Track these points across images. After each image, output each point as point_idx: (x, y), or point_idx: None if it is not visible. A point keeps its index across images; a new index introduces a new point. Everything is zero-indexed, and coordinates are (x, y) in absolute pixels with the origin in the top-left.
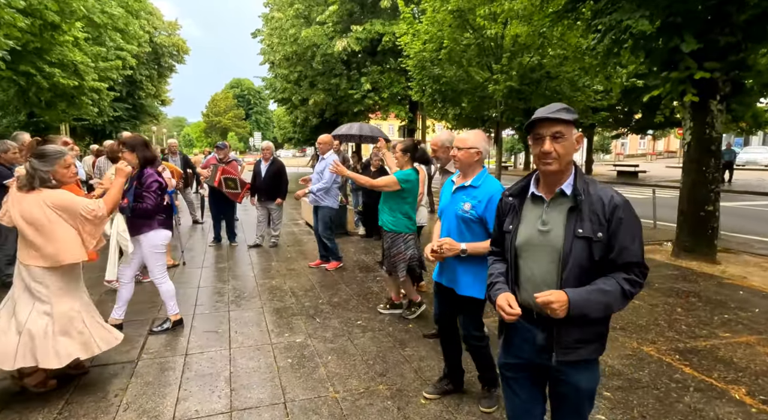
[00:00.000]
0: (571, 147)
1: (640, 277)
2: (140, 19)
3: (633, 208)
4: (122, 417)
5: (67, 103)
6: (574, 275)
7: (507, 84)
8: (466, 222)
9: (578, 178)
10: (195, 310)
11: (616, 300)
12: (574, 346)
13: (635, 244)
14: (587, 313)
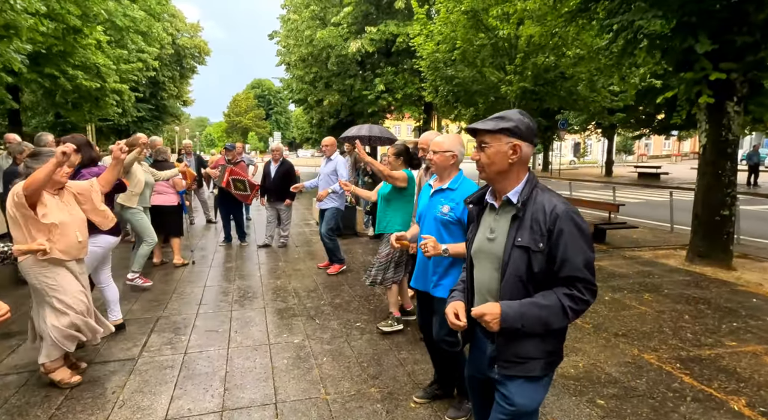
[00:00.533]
0: (496, 156)
1: (584, 294)
2: (162, 21)
3: (578, 219)
4: (117, 414)
5: (91, 105)
6: (513, 285)
7: (520, 85)
8: (445, 224)
9: (527, 185)
10: (199, 309)
11: (554, 316)
12: (515, 360)
13: (578, 258)
14: (521, 327)
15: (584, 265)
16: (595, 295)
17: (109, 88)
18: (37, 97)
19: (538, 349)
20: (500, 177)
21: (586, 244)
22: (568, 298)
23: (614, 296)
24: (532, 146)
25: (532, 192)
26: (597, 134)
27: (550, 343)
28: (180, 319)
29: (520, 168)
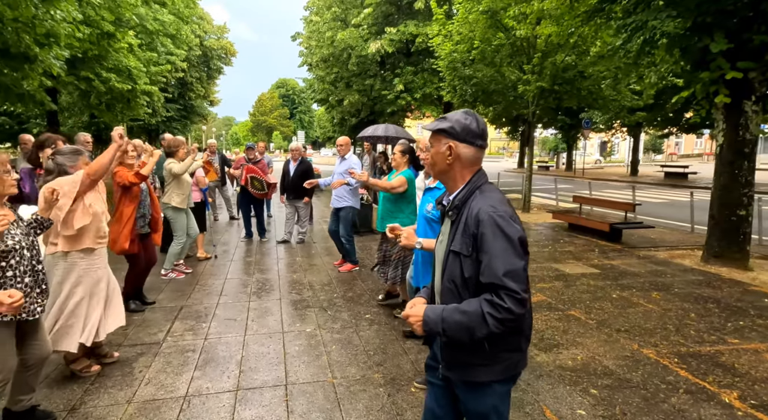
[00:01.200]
0: (436, 156)
1: (505, 302)
2: (191, 24)
3: (504, 223)
4: (143, 390)
5: (123, 105)
6: (448, 290)
7: (538, 84)
8: (428, 222)
9: (465, 188)
10: (219, 300)
11: (475, 323)
12: (455, 363)
13: (496, 264)
14: (443, 332)
15: (504, 273)
16: (522, 304)
17: (139, 90)
18: (74, 99)
19: (475, 356)
20: (444, 178)
21: (509, 249)
22: (488, 305)
23: (622, 294)
24: (472, 147)
25: (471, 195)
26: (622, 133)
27: (492, 349)
28: (202, 308)
29: (462, 169)
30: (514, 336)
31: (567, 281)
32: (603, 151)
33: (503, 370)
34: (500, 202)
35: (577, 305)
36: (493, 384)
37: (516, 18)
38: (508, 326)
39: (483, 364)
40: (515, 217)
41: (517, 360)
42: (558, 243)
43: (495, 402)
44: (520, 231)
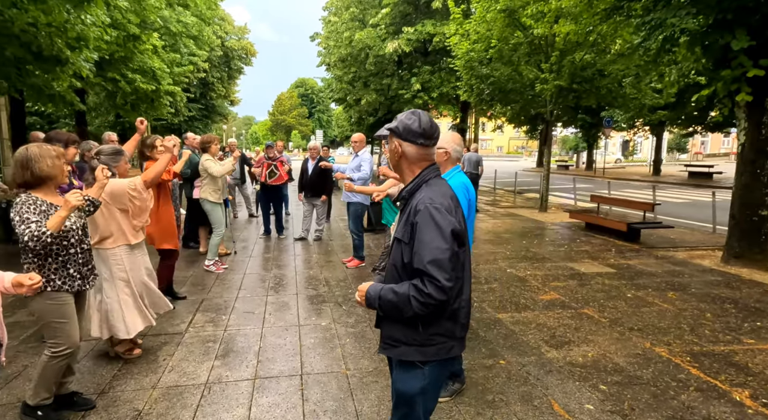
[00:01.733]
0: (390, 153)
1: (426, 287)
2: (212, 25)
3: (437, 215)
4: (167, 376)
5: (147, 105)
6: (390, 273)
7: (556, 83)
8: None
9: (413, 181)
10: (238, 294)
11: (403, 303)
12: (388, 341)
13: (423, 252)
14: (379, 308)
15: (429, 261)
16: (443, 292)
17: (163, 90)
18: (100, 99)
19: (405, 335)
20: (398, 172)
21: (437, 239)
22: (414, 288)
23: (637, 293)
24: (413, 146)
25: (418, 188)
26: (645, 132)
27: (425, 331)
28: (222, 301)
29: (410, 165)
30: (449, 322)
31: (581, 280)
32: (625, 150)
33: (434, 353)
34: (441, 195)
35: (591, 304)
36: (423, 366)
37: (534, 16)
38: (431, 310)
39: (414, 344)
40: (452, 209)
41: (450, 346)
42: (574, 242)
43: (423, 384)
44: (453, 223)
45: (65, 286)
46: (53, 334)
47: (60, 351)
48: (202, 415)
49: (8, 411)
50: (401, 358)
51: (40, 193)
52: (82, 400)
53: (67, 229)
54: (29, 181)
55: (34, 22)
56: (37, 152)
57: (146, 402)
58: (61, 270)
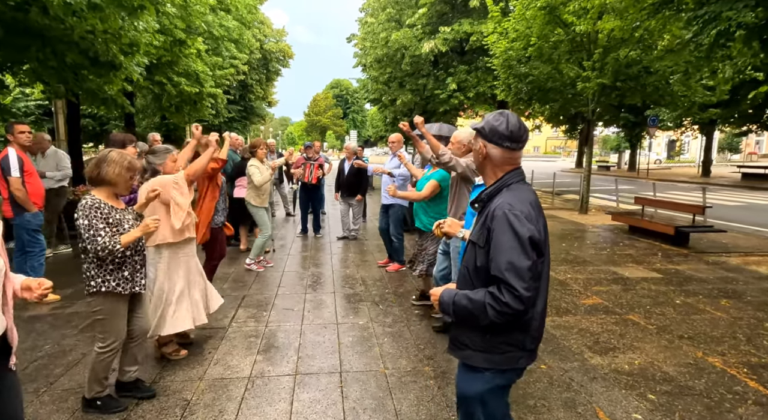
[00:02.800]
0: (474, 154)
1: (504, 296)
2: (252, 28)
3: (515, 221)
4: (212, 369)
5: (190, 107)
6: (462, 276)
7: (598, 81)
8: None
9: (495, 185)
10: (278, 291)
11: (478, 311)
12: (457, 344)
13: (500, 258)
14: (453, 314)
15: (506, 268)
16: (521, 301)
17: (205, 93)
18: (147, 102)
19: (473, 341)
20: (481, 174)
21: (515, 247)
22: (490, 296)
23: (686, 300)
24: (499, 148)
25: (498, 192)
26: (693, 131)
27: (493, 338)
28: (262, 297)
29: (493, 168)
30: (518, 332)
31: (626, 285)
32: (671, 150)
33: (499, 361)
34: (521, 201)
35: (636, 309)
36: (485, 371)
37: (576, 13)
38: (507, 319)
39: (480, 350)
40: (532, 217)
41: (518, 356)
42: (617, 246)
43: (483, 390)
44: (532, 230)
45: (119, 288)
46: (101, 329)
47: (107, 345)
48: (247, 408)
49: (70, 396)
50: (465, 361)
51: (102, 194)
52: (144, 387)
53: (125, 232)
54: (94, 178)
55: (92, 29)
56: (113, 157)
57: (194, 393)
58: (116, 271)
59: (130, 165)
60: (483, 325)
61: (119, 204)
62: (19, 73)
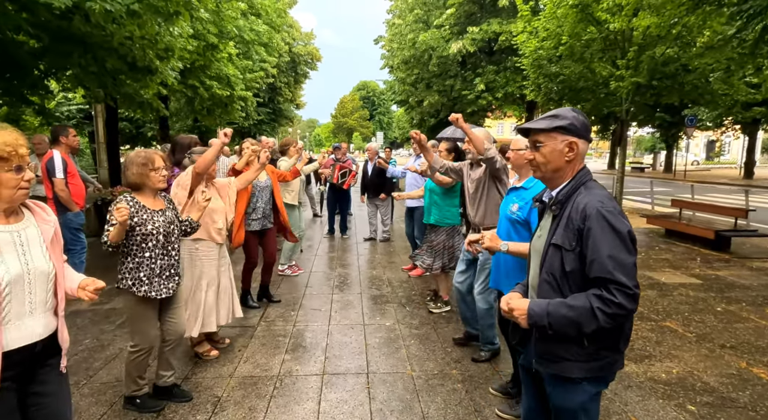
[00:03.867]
0: (552, 154)
1: (616, 297)
2: (282, 32)
3: (612, 218)
4: (242, 366)
5: (221, 110)
6: (547, 283)
7: (633, 80)
8: (513, 224)
9: (570, 183)
10: (305, 291)
11: (583, 318)
12: (550, 357)
13: (604, 258)
14: (549, 326)
15: (615, 266)
16: (634, 300)
17: (236, 95)
18: (180, 105)
19: (572, 351)
20: (556, 175)
21: (618, 244)
22: (598, 300)
23: (728, 307)
24: (587, 143)
25: (575, 191)
26: (735, 131)
27: (591, 346)
28: (290, 297)
29: (575, 166)
30: (616, 336)
31: (662, 291)
32: (710, 151)
33: (598, 369)
34: (607, 197)
35: (674, 316)
36: (583, 382)
37: (610, 10)
38: (619, 321)
39: (579, 359)
40: (622, 212)
41: (614, 360)
42: (653, 250)
43: (584, 400)
44: (628, 226)
45: (133, 288)
46: (131, 329)
47: (135, 346)
48: (275, 406)
49: (108, 389)
50: (562, 373)
51: (139, 195)
52: (181, 392)
53: (147, 233)
54: (128, 184)
55: (130, 35)
56: (129, 159)
57: (224, 389)
58: (133, 271)
59: (145, 159)
60: (586, 332)
61: (155, 205)
62: (63, 79)
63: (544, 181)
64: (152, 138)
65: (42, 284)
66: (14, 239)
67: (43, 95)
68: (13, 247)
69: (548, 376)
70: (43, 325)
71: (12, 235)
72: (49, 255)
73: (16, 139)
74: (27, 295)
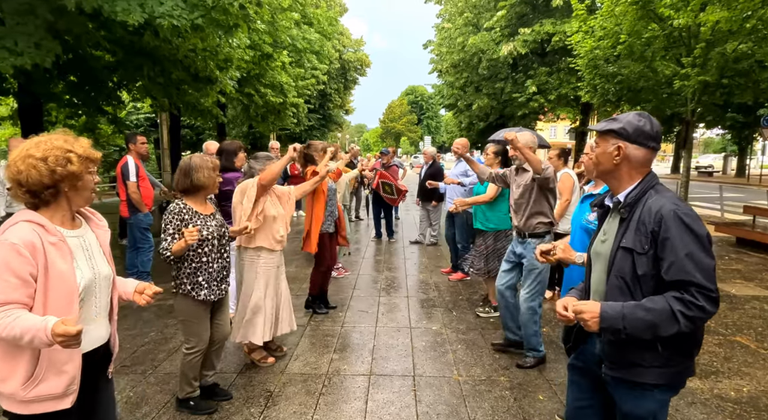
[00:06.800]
0: (602, 156)
1: (698, 299)
2: (332, 39)
3: (689, 220)
4: (293, 364)
5: (274, 117)
6: (617, 287)
7: (700, 78)
8: (588, 233)
9: (638, 187)
10: (353, 293)
11: (662, 320)
12: (621, 363)
13: (687, 260)
14: (623, 329)
15: (696, 269)
16: (715, 303)
17: (289, 102)
18: (237, 112)
19: (644, 357)
20: (608, 177)
21: (698, 246)
22: (679, 303)
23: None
24: (643, 149)
25: (644, 194)
26: None
27: (665, 351)
28: (338, 298)
29: (630, 170)
30: (689, 340)
31: (732, 303)
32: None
33: (672, 375)
34: (680, 200)
35: (745, 331)
36: (655, 389)
37: (674, 6)
38: (699, 325)
39: (653, 365)
40: (698, 215)
41: (686, 367)
42: (722, 260)
43: (655, 408)
44: (706, 229)
45: (192, 293)
46: (185, 332)
47: (191, 348)
48: (324, 403)
49: (171, 379)
50: (634, 379)
51: (192, 200)
52: (222, 391)
53: (203, 238)
54: (188, 187)
55: (193, 47)
56: (198, 163)
57: (276, 385)
58: (192, 276)
59: (214, 164)
60: (663, 336)
61: (206, 209)
62: (133, 90)
63: (608, 183)
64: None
65: (105, 289)
66: (81, 244)
67: (116, 105)
68: (82, 251)
69: (616, 381)
70: (105, 329)
71: (79, 240)
72: (107, 260)
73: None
74: (94, 300)
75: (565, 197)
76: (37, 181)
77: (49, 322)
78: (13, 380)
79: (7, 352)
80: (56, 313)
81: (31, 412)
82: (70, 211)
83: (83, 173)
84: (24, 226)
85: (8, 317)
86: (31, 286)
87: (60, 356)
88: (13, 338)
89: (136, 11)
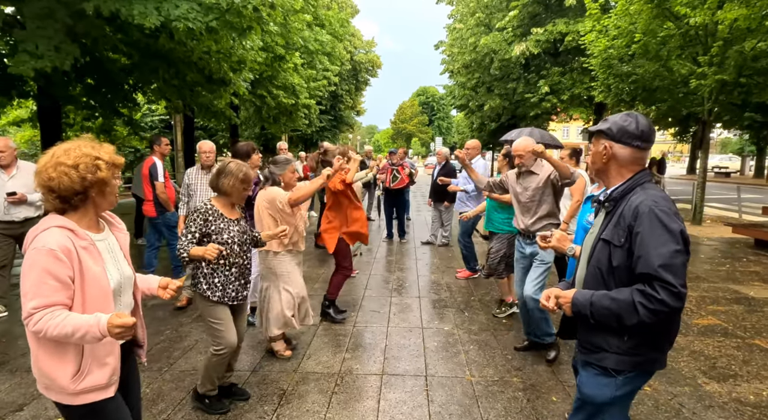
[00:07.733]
0: (595, 156)
1: (659, 293)
2: (344, 41)
3: (664, 216)
4: (306, 363)
5: (286, 118)
6: (593, 277)
7: (717, 77)
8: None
9: (626, 184)
10: (364, 293)
11: (624, 311)
12: (589, 347)
13: (652, 255)
14: (591, 315)
15: (660, 265)
16: (678, 298)
17: (300, 104)
18: (249, 114)
19: (609, 343)
20: (601, 175)
21: (668, 242)
22: (641, 295)
23: None
24: (628, 148)
25: (631, 191)
26: None
27: (630, 340)
28: (350, 299)
29: (619, 168)
30: (659, 334)
31: (750, 306)
32: None
33: (635, 364)
34: (662, 198)
35: (764, 334)
36: (618, 375)
37: (690, 4)
38: (660, 318)
39: (617, 352)
40: (678, 213)
41: (653, 359)
42: (739, 261)
43: (613, 395)
44: (681, 226)
45: (208, 293)
46: (211, 334)
47: (217, 350)
48: (336, 402)
49: (186, 376)
50: (598, 363)
51: (219, 202)
52: (239, 391)
53: (222, 242)
54: (214, 187)
55: (208, 50)
56: (230, 169)
57: (289, 383)
58: (209, 277)
59: (245, 177)
60: (627, 326)
61: (232, 214)
62: (148, 92)
63: (601, 181)
64: (224, 145)
65: (128, 288)
66: (107, 247)
67: (132, 107)
68: (109, 254)
69: (583, 364)
70: None
71: (105, 244)
72: (128, 261)
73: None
74: (120, 299)
75: (576, 198)
76: (69, 187)
77: (101, 318)
78: (62, 376)
79: (54, 351)
80: (94, 312)
81: (82, 402)
82: (96, 216)
83: (110, 179)
84: (56, 231)
85: (58, 317)
86: (70, 288)
87: (101, 351)
88: (65, 336)
89: (152, 14)
